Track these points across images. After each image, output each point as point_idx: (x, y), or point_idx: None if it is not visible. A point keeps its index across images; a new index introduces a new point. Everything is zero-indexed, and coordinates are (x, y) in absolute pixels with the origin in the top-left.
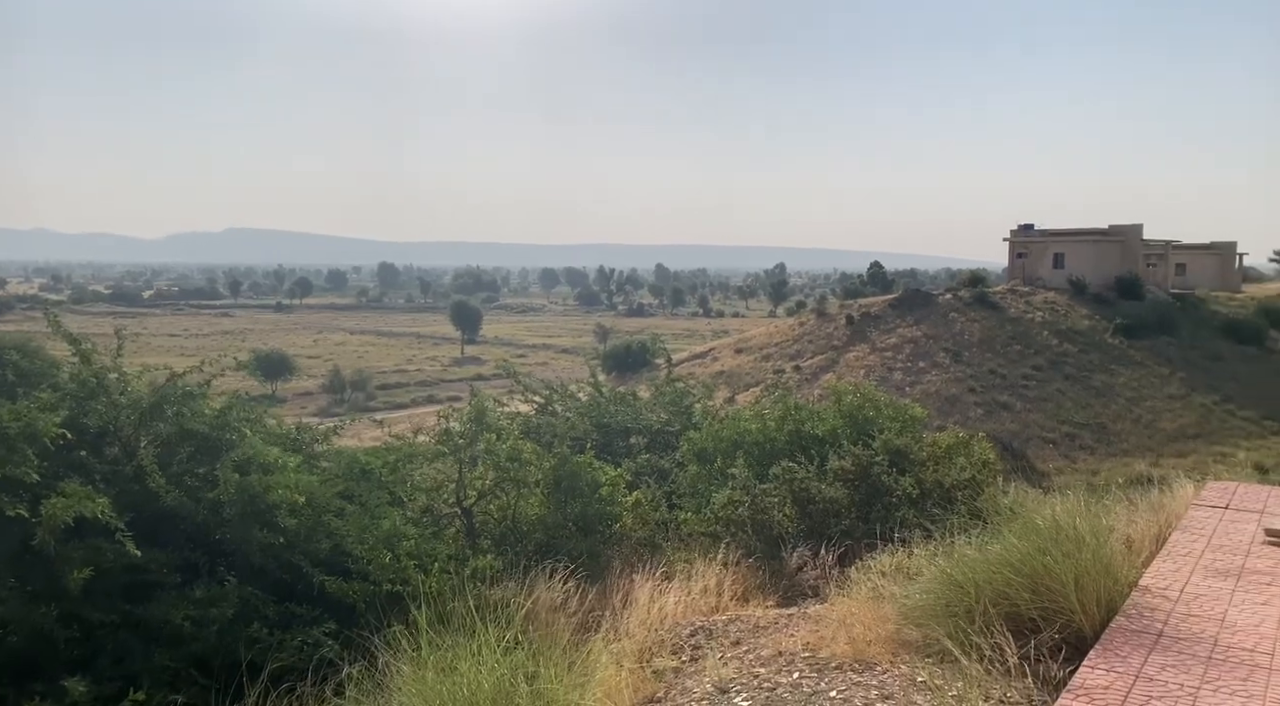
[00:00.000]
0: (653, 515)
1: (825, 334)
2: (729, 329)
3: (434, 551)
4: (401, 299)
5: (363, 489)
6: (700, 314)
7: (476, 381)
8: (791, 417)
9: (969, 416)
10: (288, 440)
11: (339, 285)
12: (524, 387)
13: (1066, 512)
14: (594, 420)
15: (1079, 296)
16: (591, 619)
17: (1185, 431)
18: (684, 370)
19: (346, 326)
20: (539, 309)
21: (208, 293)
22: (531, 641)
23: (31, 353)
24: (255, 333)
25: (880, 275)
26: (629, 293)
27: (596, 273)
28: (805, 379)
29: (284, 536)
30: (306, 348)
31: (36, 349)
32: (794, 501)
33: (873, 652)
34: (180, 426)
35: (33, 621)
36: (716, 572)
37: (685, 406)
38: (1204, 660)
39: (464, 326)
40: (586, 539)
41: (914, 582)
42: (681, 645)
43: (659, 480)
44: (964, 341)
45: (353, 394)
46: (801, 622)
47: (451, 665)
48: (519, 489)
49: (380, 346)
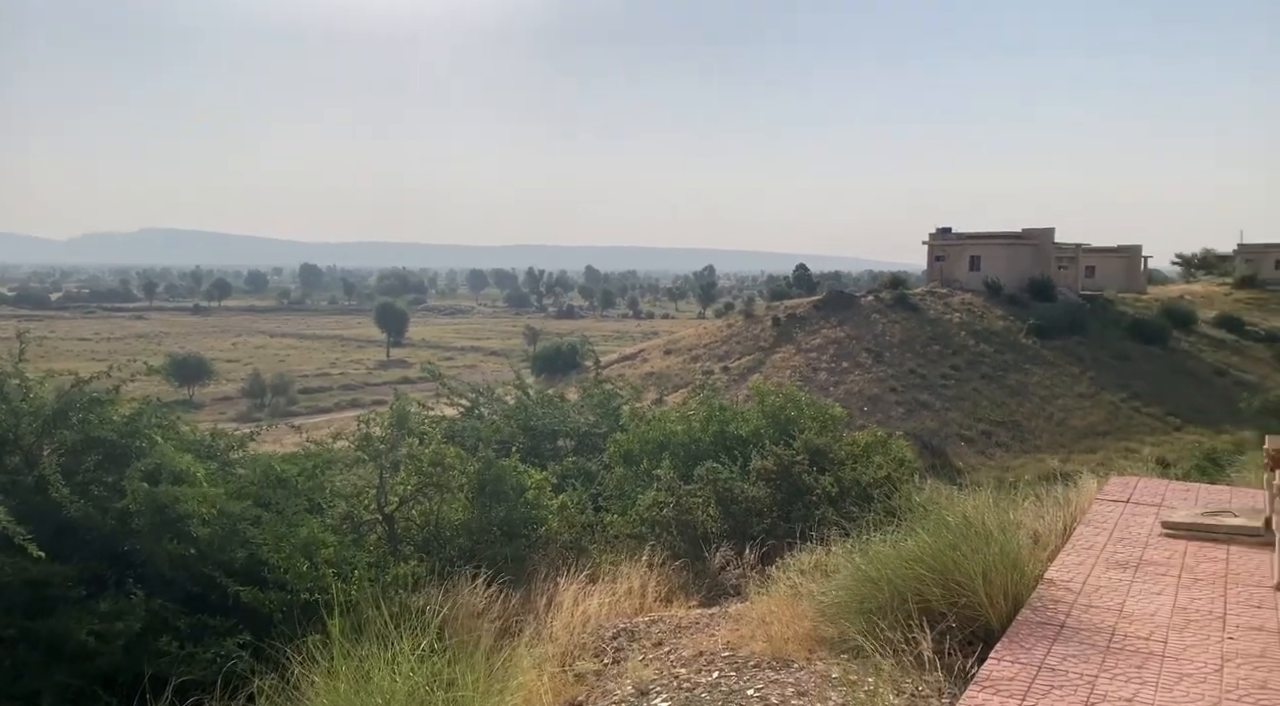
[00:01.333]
0: (579, 518)
1: (752, 335)
2: (658, 330)
3: (354, 559)
4: (325, 301)
5: (279, 496)
6: (630, 316)
7: (402, 385)
8: (716, 419)
9: (890, 415)
10: (202, 447)
11: (259, 287)
12: (449, 391)
13: (976, 509)
14: (520, 423)
15: (994, 298)
16: (515, 624)
17: (1095, 428)
18: (613, 372)
19: (267, 329)
20: (467, 311)
21: (120, 295)
22: (450, 648)
23: None
24: (171, 336)
25: (805, 277)
26: (559, 294)
27: (526, 274)
28: (733, 380)
29: (196, 547)
30: (225, 351)
31: None
32: (718, 501)
33: (790, 650)
34: (86, 434)
35: None
36: (641, 574)
37: (613, 408)
38: (1102, 649)
39: (389, 329)
40: (511, 543)
41: (831, 580)
42: (604, 647)
43: (586, 482)
44: (885, 342)
45: (273, 398)
46: (723, 622)
47: (366, 674)
48: (442, 494)
49: (302, 349)
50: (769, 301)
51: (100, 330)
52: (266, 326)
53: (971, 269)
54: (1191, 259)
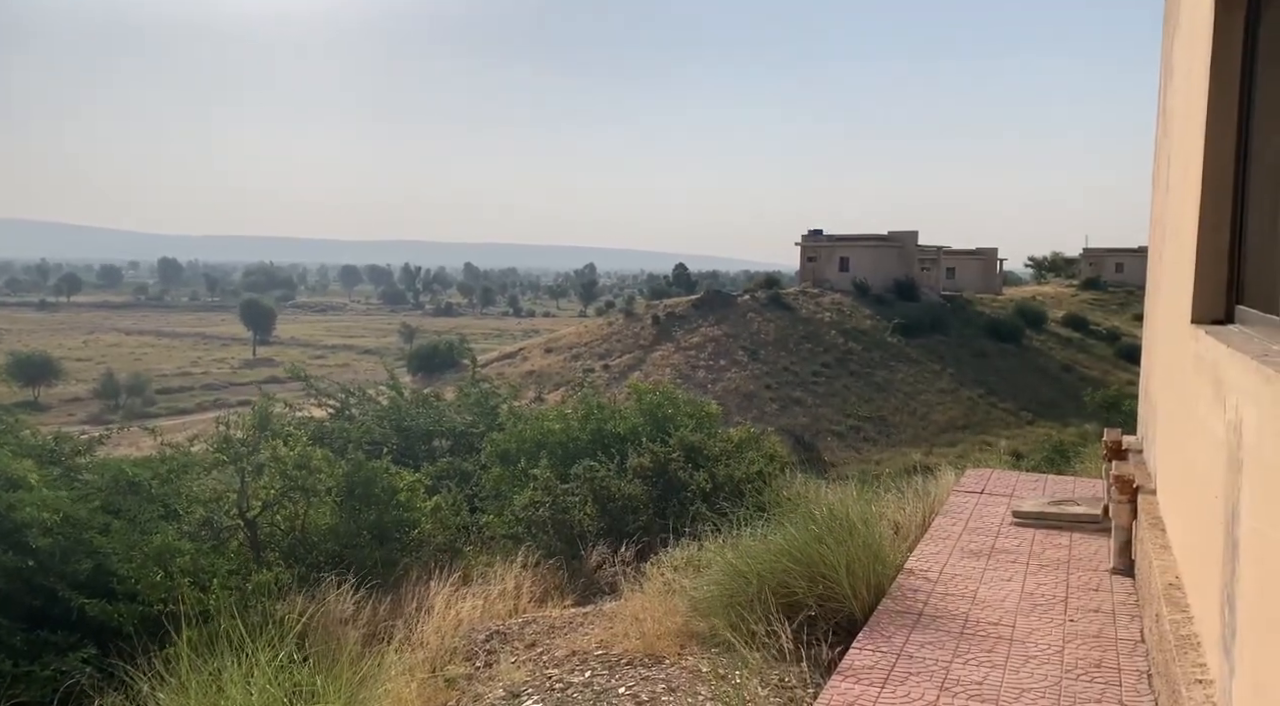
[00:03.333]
0: (454, 519)
1: (633, 333)
2: (539, 329)
3: (213, 567)
4: (185, 297)
5: (131, 503)
6: (510, 313)
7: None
8: (594, 417)
9: (765, 411)
10: (44, 452)
11: (113, 281)
12: (317, 392)
13: (842, 502)
14: (394, 423)
15: (862, 298)
16: (383, 630)
17: (955, 423)
18: (493, 370)
19: (122, 326)
20: (339, 308)
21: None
22: (312, 657)
23: None
24: (14, 333)
25: (684, 276)
26: (437, 291)
27: (402, 270)
28: (614, 378)
29: (35, 558)
30: (75, 349)
31: None
32: (594, 500)
33: (662, 646)
34: None
35: None
36: (515, 574)
37: (490, 407)
38: (956, 635)
39: (255, 326)
40: (382, 547)
41: (703, 575)
42: (476, 651)
43: (461, 483)
44: (760, 340)
45: (128, 399)
46: (597, 620)
47: (220, 688)
48: (308, 498)
49: (161, 348)
50: (649, 300)
51: None
52: (121, 323)
53: (841, 269)
54: (1042, 261)
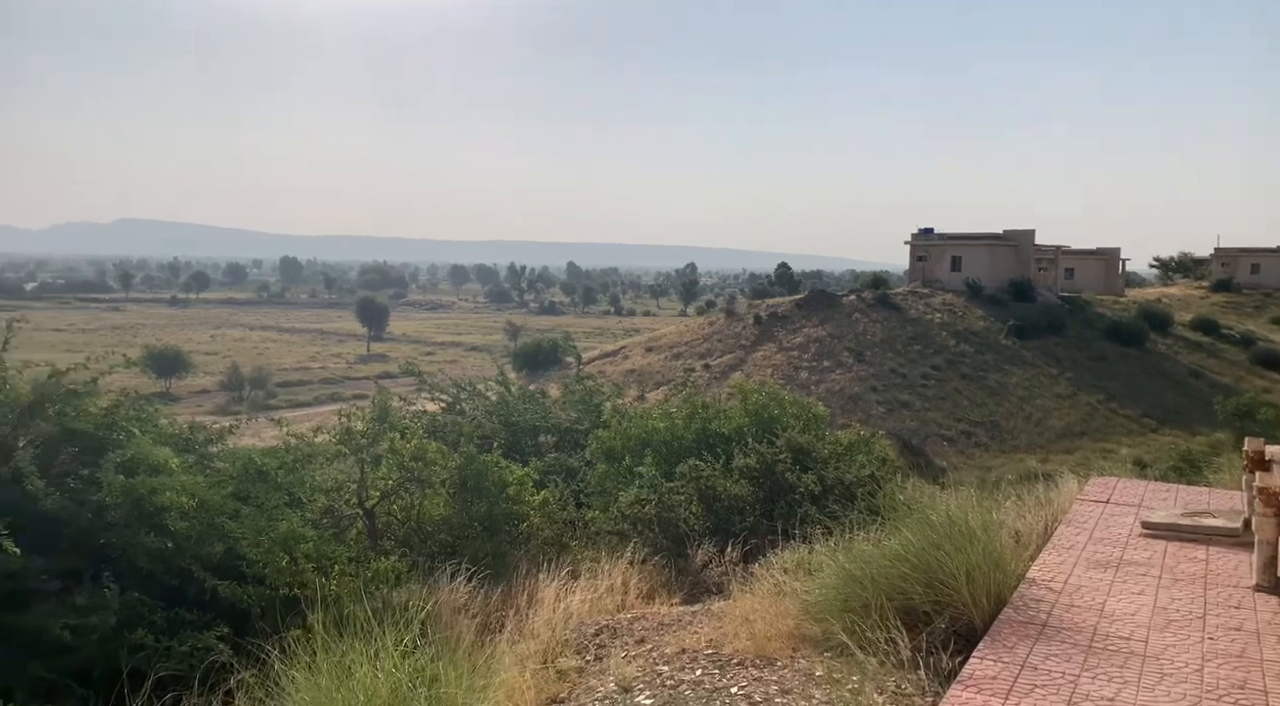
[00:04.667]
0: (560, 514)
1: (734, 333)
2: (640, 328)
3: (334, 554)
4: (304, 294)
5: (259, 490)
6: (611, 312)
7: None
8: (699, 416)
9: (871, 414)
10: (180, 440)
11: (238, 279)
12: (429, 386)
13: (959, 508)
14: (502, 419)
15: (975, 298)
16: (495, 620)
17: (1072, 429)
18: (594, 368)
19: (246, 322)
20: (448, 306)
21: (96, 285)
22: (433, 644)
23: None
24: (148, 328)
25: (787, 276)
26: (540, 290)
27: (508, 270)
28: (714, 377)
29: (173, 540)
30: (203, 344)
31: None
32: (700, 499)
33: (773, 648)
34: (63, 426)
35: None
36: (623, 571)
37: (594, 405)
38: (1084, 648)
39: (370, 323)
40: (492, 539)
41: (814, 578)
42: (586, 644)
43: (567, 479)
44: (866, 341)
45: (252, 392)
46: (705, 619)
47: (348, 669)
48: (423, 489)
49: (281, 343)
50: (751, 299)
51: (75, 321)
52: (245, 319)
53: (953, 269)
54: (1169, 262)
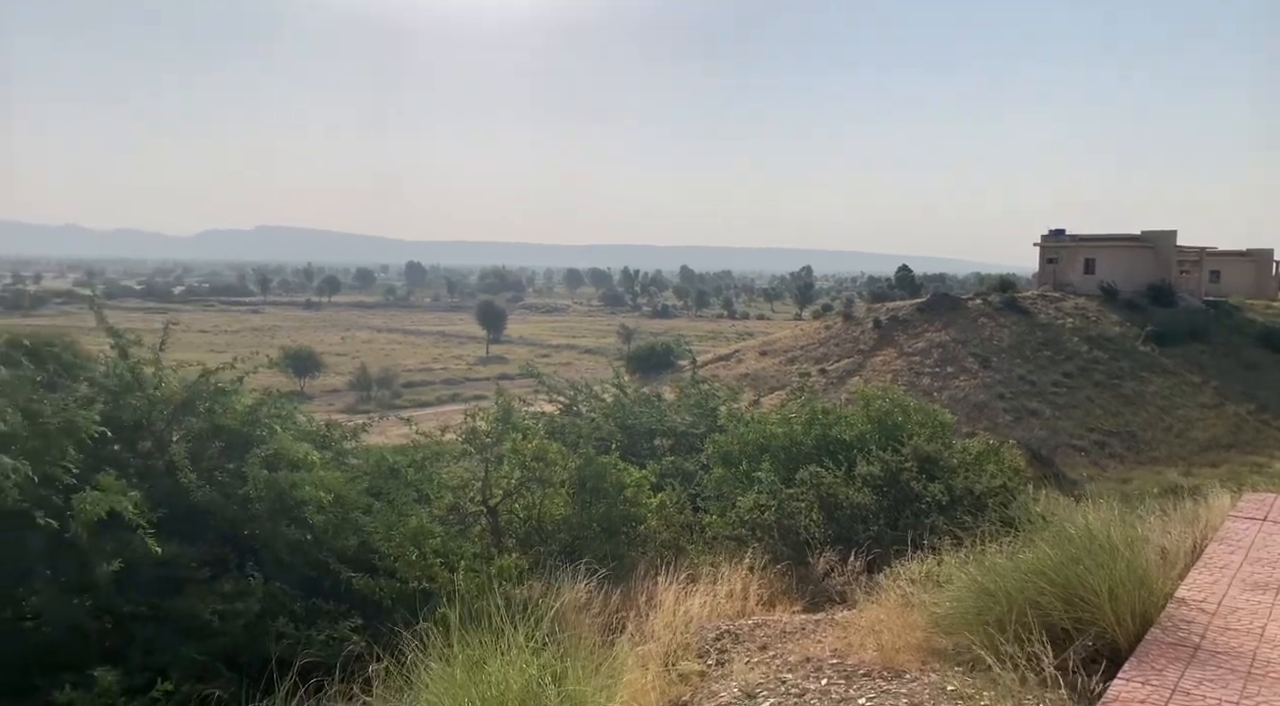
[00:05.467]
0: (677, 517)
1: (852, 337)
2: (754, 331)
3: (460, 549)
4: (428, 298)
5: (390, 486)
6: (725, 316)
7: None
8: (819, 421)
9: (997, 422)
10: (317, 437)
11: (367, 283)
12: (548, 388)
13: (1100, 522)
14: (618, 421)
15: (1110, 303)
16: (616, 620)
17: (1218, 441)
18: (708, 372)
19: (373, 324)
20: (563, 309)
21: (238, 289)
22: (560, 642)
23: (68, 347)
24: (284, 329)
25: (908, 278)
26: (653, 294)
27: (621, 273)
28: (831, 382)
29: (311, 533)
30: (334, 345)
31: (71, 343)
32: (821, 506)
33: (902, 660)
34: (212, 422)
35: (65, 613)
36: (742, 576)
37: (710, 408)
38: (1243, 674)
39: (489, 326)
40: (611, 540)
41: (944, 590)
42: (707, 649)
43: (684, 482)
44: (993, 347)
45: (379, 391)
46: (829, 628)
47: (479, 663)
48: (544, 488)
49: (406, 344)
50: (869, 303)
51: (219, 323)
52: (373, 322)
53: (1086, 272)
54: None
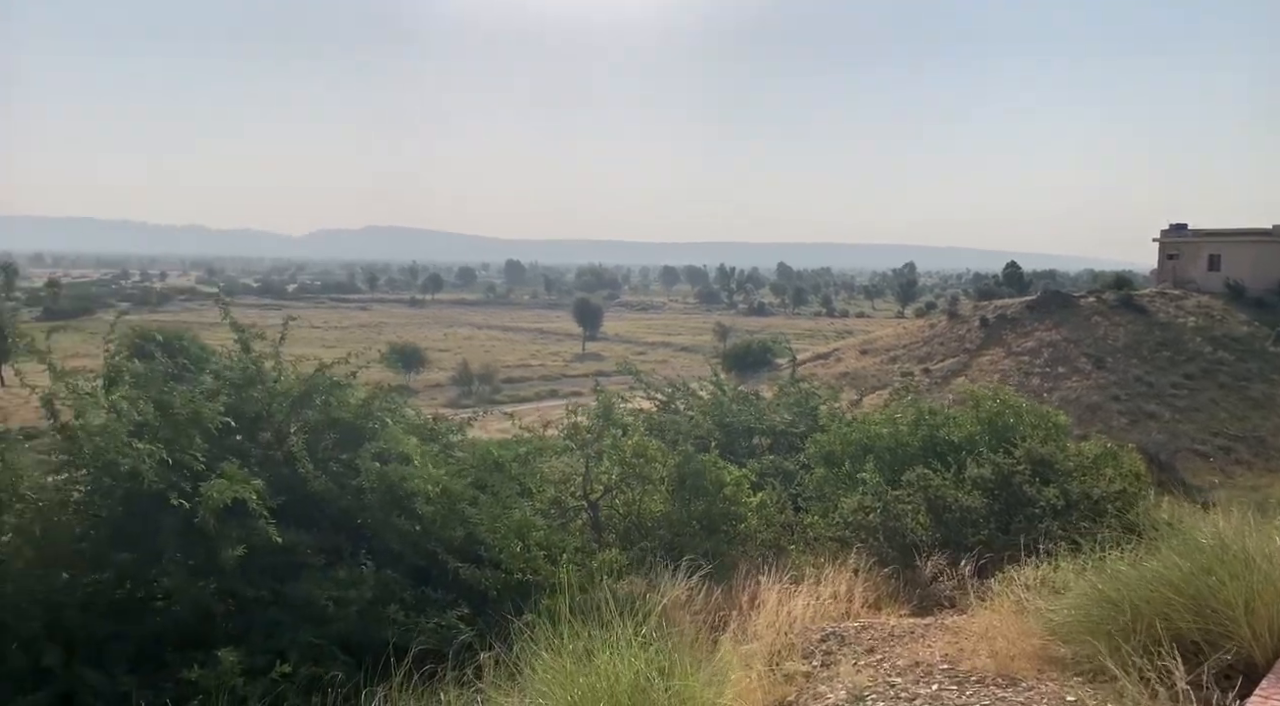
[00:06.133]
0: (778, 517)
1: (957, 336)
2: (853, 329)
3: (562, 543)
4: (527, 295)
5: (495, 480)
6: (823, 314)
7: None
8: (925, 422)
9: (1112, 425)
10: (425, 430)
11: (468, 281)
12: (646, 386)
13: (1233, 531)
14: (716, 419)
15: (1236, 301)
16: (717, 618)
17: None
18: (806, 371)
19: (474, 321)
20: (659, 307)
21: (347, 287)
22: (668, 637)
23: (193, 341)
24: (390, 326)
25: (1016, 275)
26: (749, 291)
27: (717, 271)
28: (935, 382)
29: (420, 524)
30: (437, 341)
31: (195, 338)
32: (928, 509)
33: (1017, 667)
34: (327, 415)
35: (193, 594)
36: (847, 578)
37: (810, 407)
38: None
39: (586, 323)
40: (711, 538)
41: (1061, 597)
42: (812, 650)
43: (784, 482)
44: (1107, 346)
45: (479, 387)
46: (939, 633)
47: (588, 655)
48: (644, 485)
49: (505, 341)
50: (976, 300)
51: (329, 319)
52: (474, 319)
53: (1210, 268)
54: None
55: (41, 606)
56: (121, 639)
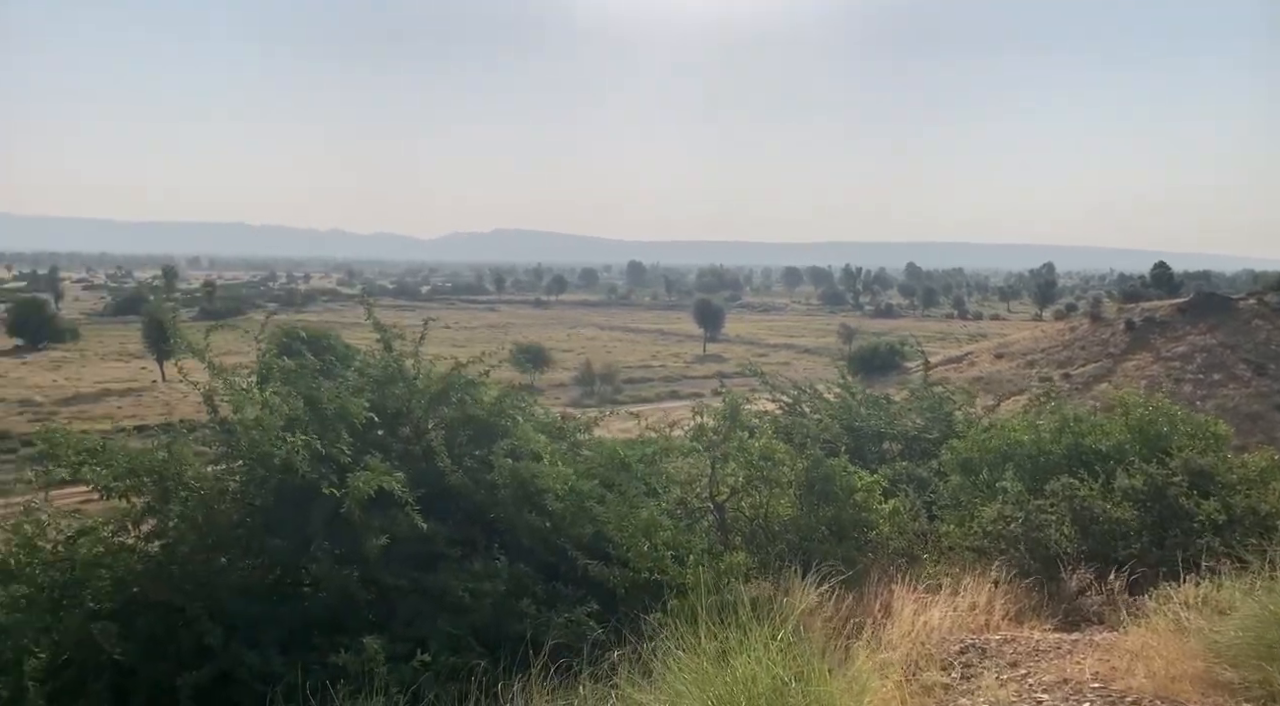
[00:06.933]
0: (911, 525)
1: (1100, 340)
2: (987, 332)
3: (689, 544)
4: (647, 297)
5: (622, 479)
6: (955, 316)
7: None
8: (1070, 429)
9: (1276, 436)
10: (553, 429)
11: (591, 283)
12: (770, 387)
13: None
14: (844, 423)
15: None
16: (851, 626)
17: None
18: (937, 374)
19: (597, 322)
20: (781, 308)
21: (476, 288)
22: (805, 641)
23: (336, 339)
24: (516, 326)
25: (1166, 276)
26: (876, 292)
27: (842, 271)
28: (1075, 388)
29: (550, 520)
30: (561, 341)
31: (338, 337)
32: (1074, 520)
33: (1178, 690)
34: (463, 411)
35: (339, 581)
36: (987, 589)
37: (944, 413)
38: None
39: (706, 324)
40: (841, 544)
41: (1228, 618)
42: (951, 662)
43: (918, 489)
44: (1270, 352)
45: (601, 387)
46: (1088, 650)
47: (724, 656)
48: (771, 488)
49: (627, 342)
50: (1120, 302)
51: (459, 320)
52: (596, 319)
53: None
54: None
55: (204, 589)
56: (274, 622)
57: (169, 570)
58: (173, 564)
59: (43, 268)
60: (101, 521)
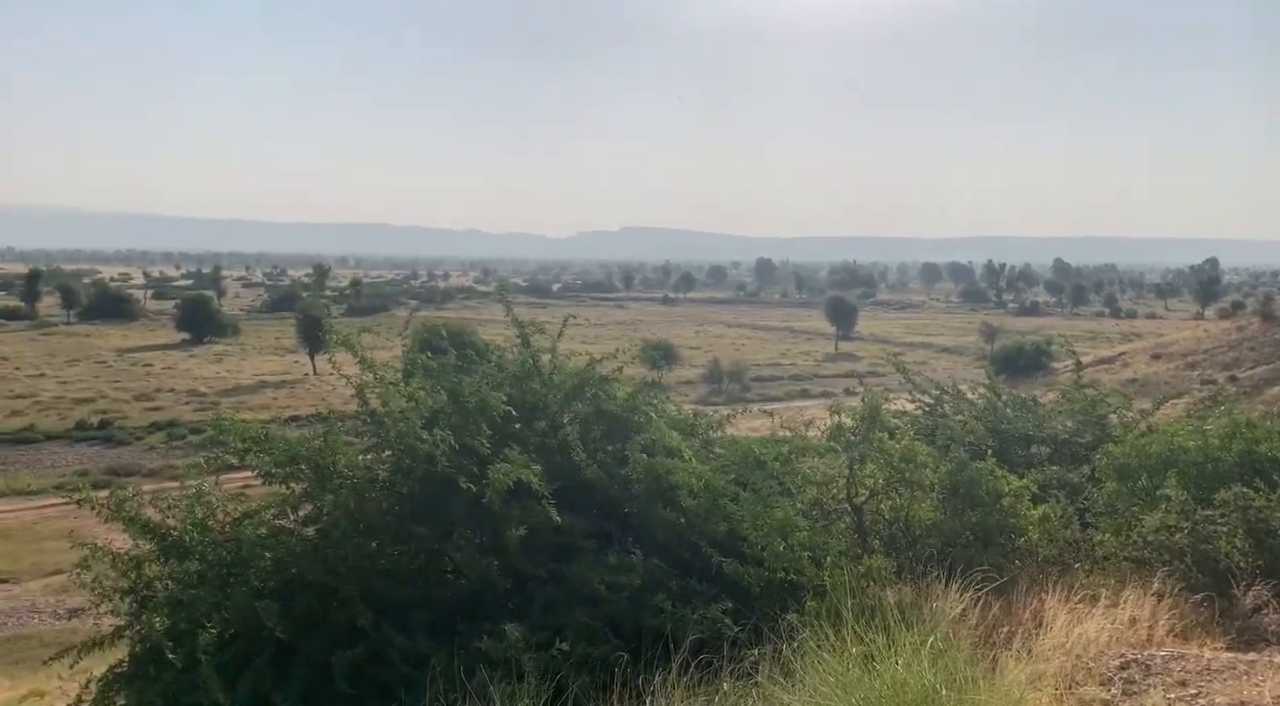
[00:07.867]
0: (1062, 532)
1: (1271, 340)
2: (1141, 331)
3: (826, 545)
4: (777, 294)
5: (756, 477)
6: (1106, 314)
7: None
8: (1242, 435)
9: None
10: (685, 425)
11: (719, 280)
12: (913, 386)
13: None
14: (989, 425)
15: None
16: (996, 635)
17: None
18: (1086, 376)
19: (725, 319)
20: (918, 306)
21: (605, 286)
22: (955, 650)
23: (474, 335)
24: (644, 323)
25: None
26: (1020, 290)
27: (984, 268)
28: (1243, 392)
29: (685, 516)
30: (689, 339)
31: (474, 333)
32: (1248, 533)
33: None
34: (597, 407)
35: (480, 569)
36: (1149, 603)
37: (1098, 416)
38: None
39: (838, 322)
40: (986, 550)
41: None
42: (1110, 677)
43: (1069, 496)
44: None
45: (729, 384)
46: (1268, 672)
47: (869, 660)
48: (912, 491)
49: (756, 340)
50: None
51: (589, 316)
52: (724, 317)
53: None
54: None
55: (355, 572)
56: (421, 606)
57: (324, 553)
58: (327, 547)
59: (207, 266)
60: (264, 505)
